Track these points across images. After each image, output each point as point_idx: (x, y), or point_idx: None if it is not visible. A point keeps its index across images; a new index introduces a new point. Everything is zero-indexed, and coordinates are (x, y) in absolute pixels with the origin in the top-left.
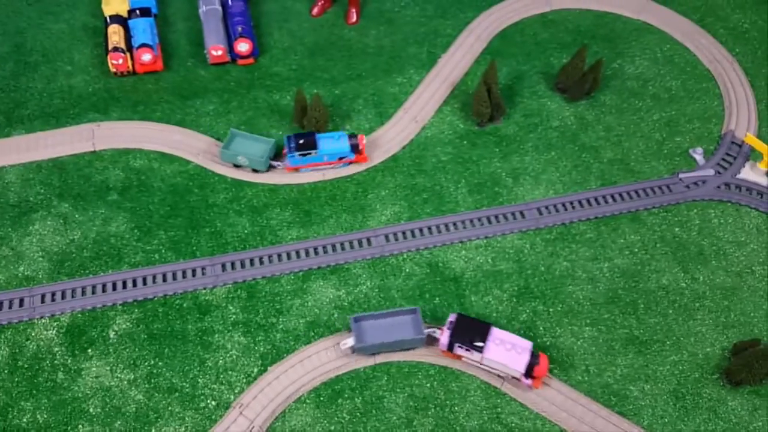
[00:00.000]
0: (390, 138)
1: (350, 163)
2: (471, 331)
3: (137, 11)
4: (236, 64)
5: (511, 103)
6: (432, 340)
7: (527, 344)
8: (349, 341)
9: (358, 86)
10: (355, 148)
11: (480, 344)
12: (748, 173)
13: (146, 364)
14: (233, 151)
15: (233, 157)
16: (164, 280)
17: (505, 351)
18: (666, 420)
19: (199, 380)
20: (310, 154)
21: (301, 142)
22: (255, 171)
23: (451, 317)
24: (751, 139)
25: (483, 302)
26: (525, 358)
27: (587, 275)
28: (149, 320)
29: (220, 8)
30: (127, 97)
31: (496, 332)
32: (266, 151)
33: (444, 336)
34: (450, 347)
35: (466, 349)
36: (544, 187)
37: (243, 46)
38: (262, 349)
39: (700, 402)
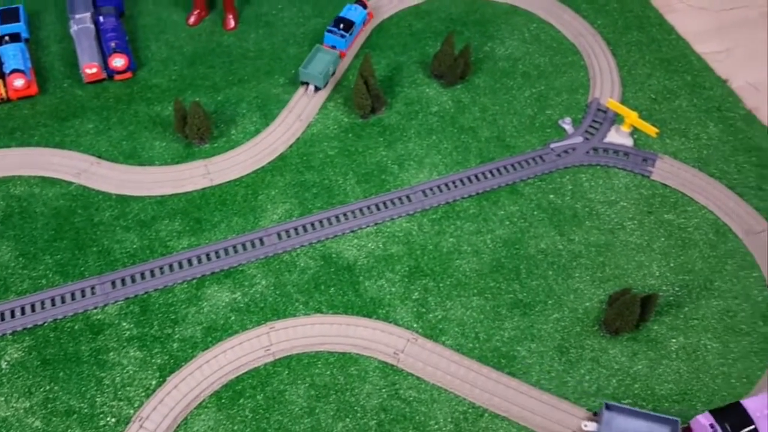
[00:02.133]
0: (276, 138)
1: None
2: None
3: (6, 38)
4: (113, 80)
5: (392, 94)
6: None
7: None
8: (592, 426)
9: (241, 90)
10: (364, 7)
11: None
12: (614, 136)
13: (41, 390)
14: (322, 69)
15: (327, 75)
16: (53, 304)
17: None
18: (553, 375)
19: (97, 399)
20: (353, 30)
21: (342, 25)
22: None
23: (704, 419)
24: (613, 104)
25: (376, 286)
26: None
27: (472, 248)
28: (41, 346)
29: (92, 26)
30: (3, 125)
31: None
32: (330, 52)
33: None
34: None
35: None
36: (428, 170)
37: (118, 62)
38: (159, 360)
39: (583, 354)
